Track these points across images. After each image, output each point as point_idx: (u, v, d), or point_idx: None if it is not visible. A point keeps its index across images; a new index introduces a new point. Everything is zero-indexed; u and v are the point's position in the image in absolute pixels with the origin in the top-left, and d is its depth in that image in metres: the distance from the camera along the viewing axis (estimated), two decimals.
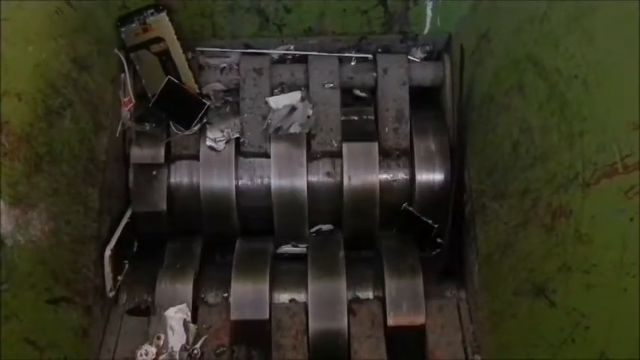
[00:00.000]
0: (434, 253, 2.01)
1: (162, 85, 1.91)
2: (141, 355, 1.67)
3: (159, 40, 1.89)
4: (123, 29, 1.88)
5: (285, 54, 2.05)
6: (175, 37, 1.89)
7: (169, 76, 1.91)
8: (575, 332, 1.19)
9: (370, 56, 2.04)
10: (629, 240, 1.03)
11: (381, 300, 1.83)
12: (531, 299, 1.38)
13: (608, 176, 1.11)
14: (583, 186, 1.18)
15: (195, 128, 1.96)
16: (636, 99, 1.02)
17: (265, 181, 1.97)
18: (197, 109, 1.94)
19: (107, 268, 1.76)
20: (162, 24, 1.88)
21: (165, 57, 1.91)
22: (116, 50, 1.90)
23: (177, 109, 1.95)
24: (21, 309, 1.36)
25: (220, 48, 2.02)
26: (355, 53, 2.04)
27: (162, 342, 1.69)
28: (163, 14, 1.87)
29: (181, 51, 1.91)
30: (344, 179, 1.94)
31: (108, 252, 1.75)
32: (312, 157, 1.97)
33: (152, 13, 1.87)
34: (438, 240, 1.98)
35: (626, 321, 1.04)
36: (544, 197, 1.34)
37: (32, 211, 1.43)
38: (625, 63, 1.09)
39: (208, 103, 1.95)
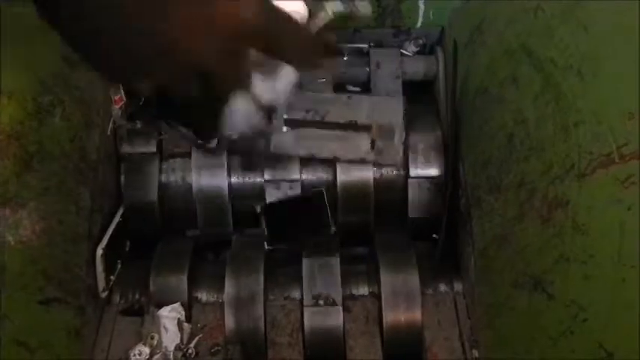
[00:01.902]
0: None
1: None
2: (134, 355, 1.65)
3: None
4: None
5: None
6: None
7: None
8: (573, 324, 1.18)
9: (365, 46, 2.03)
10: (627, 230, 1.02)
11: (376, 296, 1.82)
12: (529, 292, 1.37)
13: (604, 166, 1.10)
14: (579, 176, 1.17)
15: None
16: (632, 88, 1.01)
17: (258, 178, 1.96)
18: None
19: (99, 268, 1.74)
20: None
21: None
22: None
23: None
24: (12, 310, 1.34)
25: None
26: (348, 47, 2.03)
27: (155, 342, 1.67)
28: None
29: None
30: (337, 175, 1.93)
31: (100, 251, 1.73)
32: None
33: None
34: (434, 235, 1.97)
35: (625, 312, 1.04)
36: (540, 189, 1.33)
37: (22, 211, 1.42)
38: (621, 52, 1.08)
39: None
